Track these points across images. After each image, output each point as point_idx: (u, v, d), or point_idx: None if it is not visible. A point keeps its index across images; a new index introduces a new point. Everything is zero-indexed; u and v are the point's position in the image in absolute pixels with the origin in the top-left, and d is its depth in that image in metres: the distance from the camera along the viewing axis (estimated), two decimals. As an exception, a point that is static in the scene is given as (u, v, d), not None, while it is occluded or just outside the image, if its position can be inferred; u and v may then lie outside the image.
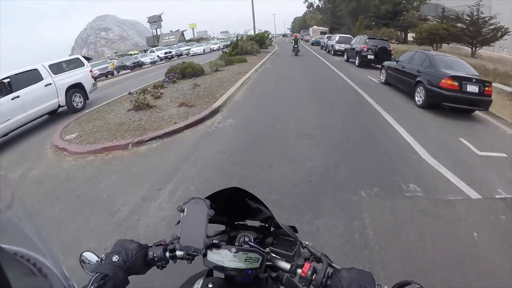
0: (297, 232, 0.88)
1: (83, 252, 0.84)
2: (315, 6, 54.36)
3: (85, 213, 3.09)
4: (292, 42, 19.71)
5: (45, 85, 7.32)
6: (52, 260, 0.41)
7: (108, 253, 0.80)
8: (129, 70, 23.91)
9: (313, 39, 35.16)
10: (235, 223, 0.96)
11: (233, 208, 0.93)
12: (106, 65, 22.64)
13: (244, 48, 18.45)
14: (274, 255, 0.80)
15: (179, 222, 0.81)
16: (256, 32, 31.70)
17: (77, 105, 8.24)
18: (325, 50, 23.57)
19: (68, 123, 6.65)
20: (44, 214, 3.18)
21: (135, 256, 0.80)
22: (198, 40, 56.91)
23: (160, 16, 60.05)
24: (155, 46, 43.66)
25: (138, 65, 25.67)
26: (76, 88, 8.27)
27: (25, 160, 5.02)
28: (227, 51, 18.58)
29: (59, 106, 7.77)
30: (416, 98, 6.78)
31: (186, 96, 7.47)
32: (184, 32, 62.52)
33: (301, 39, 46.99)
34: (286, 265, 0.77)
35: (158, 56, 29.51)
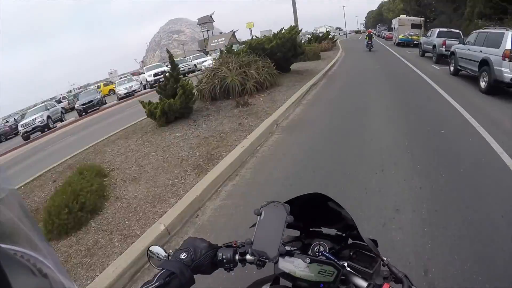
0: (377, 246, 0.79)
1: (151, 246, 0.85)
2: (394, -7, 42.60)
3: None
4: (366, 38, 20.59)
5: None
6: (52, 260, 0.42)
7: (177, 250, 0.79)
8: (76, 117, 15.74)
9: (400, 36, 22.32)
10: (311, 229, 0.92)
11: (310, 214, 0.88)
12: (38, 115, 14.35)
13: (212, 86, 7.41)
14: (351, 270, 0.74)
15: (254, 225, 0.78)
16: (317, 30, 26.01)
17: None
18: (422, 54, 14.49)
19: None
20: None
21: (203, 256, 0.78)
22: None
23: (211, 16, 53.55)
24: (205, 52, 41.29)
25: (97, 104, 16.84)
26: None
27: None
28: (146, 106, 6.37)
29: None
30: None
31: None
32: (235, 32, 55.09)
33: (378, 35, 42.00)
34: (363, 283, 0.70)
35: (144, 81, 20.12)
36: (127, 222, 3.00)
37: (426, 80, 8.27)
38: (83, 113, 16.08)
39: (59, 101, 25.15)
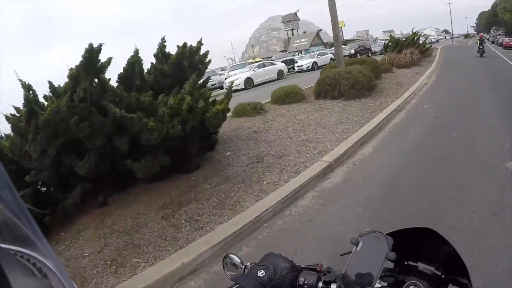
0: None
1: (229, 253, 0.81)
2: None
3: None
4: (477, 43, 19.87)
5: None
6: (52, 260, 0.41)
7: (255, 265, 0.74)
8: None
9: None
10: (406, 263, 0.82)
11: (409, 245, 0.78)
12: None
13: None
14: None
15: (347, 253, 0.72)
16: (422, 32, 21.89)
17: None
18: None
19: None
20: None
21: (283, 277, 0.70)
22: (345, 43, 39.61)
23: (296, 14, 48.89)
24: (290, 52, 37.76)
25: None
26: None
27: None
28: None
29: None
30: None
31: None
32: (320, 32, 51.38)
33: (493, 41, 32.87)
34: None
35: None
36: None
37: None
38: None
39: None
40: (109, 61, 3.61)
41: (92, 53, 3.41)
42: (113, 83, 3.87)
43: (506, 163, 3.66)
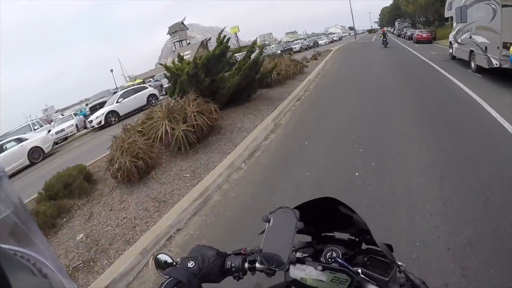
0: (392, 251, 0.75)
1: (158, 253, 0.83)
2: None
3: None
4: (381, 37, 22.22)
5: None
6: (52, 260, 0.42)
7: (184, 258, 0.78)
8: None
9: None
10: (322, 234, 0.88)
11: (321, 218, 0.85)
12: None
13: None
14: (365, 278, 0.70)
15: (262, 232, 0.75)
16: (328, 30, 21.15)
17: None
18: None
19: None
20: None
21: (212, 264, 0.76)
22: (238, 50, 32.38)
23: (182, 23, 41.82)
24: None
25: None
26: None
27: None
28: None
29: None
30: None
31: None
32: (208, 41, 40.67)
33: (399, 35, 31.12)
34: None
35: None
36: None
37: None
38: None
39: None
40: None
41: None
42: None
43: None
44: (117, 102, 14.45)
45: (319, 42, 46.38)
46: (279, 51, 27.76)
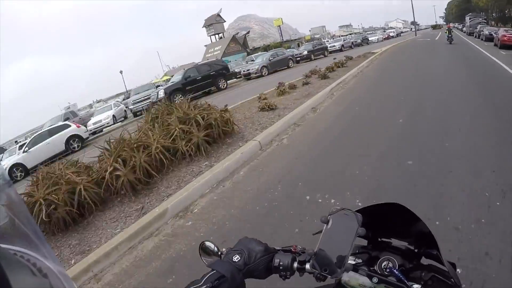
0: (455, 269, 0.68)
1: (205, 241, 0.80)
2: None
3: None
4: (446, 33, 21.48)
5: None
6: (52, 260, 0.42)
7: (230, 250, 0.75)
8: None
9: None
10: (379, 239, 0.83)
11: (381, 222, 0.80)
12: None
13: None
14: None
15: (318, 232, 0.72)
16: (388, 25, 18.79)
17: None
18: None
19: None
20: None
21: (258, 260, 0.72)
22: (286, 45, 34.59)
23: (218, 15, 39.42)
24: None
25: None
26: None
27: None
28: None
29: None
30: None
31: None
32: (247, 35, 42.10)
33: (471, 33, 25.54)
34: None
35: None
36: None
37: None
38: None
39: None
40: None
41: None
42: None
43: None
44: (24, 151, 11.04)
45: (370, 39, 40.43)
46: (305, 52, 23.27)
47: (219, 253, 0.77)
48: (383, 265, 0.72)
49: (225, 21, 41.62)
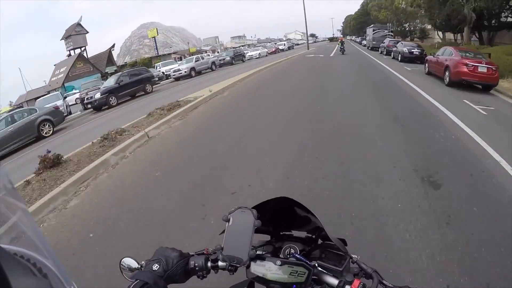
0: (346, 245, 0.82)
1: (123, 258, 0.84)
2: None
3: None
4: (339, 44, 25.20)
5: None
6: (52, 260, 0.42)
7: (149, 261, 0.80)
8: None
9: None
10: (281, 233, 0.94)
11: (279, 218, 0.90)
12: None
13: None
14: (321, 270, 0.76)
15: (223, 231, 0.79)
16: (287, 36, 14.40)
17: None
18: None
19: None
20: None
21: (175, 265, 0.79)
22: (156, 60, 30.81)
23: (79, 24, 30.62)
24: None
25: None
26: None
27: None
28: None
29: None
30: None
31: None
32: (112, 50, 34.89)
33: (372, 47, 26.04)
34: (334, 281, 0.72)
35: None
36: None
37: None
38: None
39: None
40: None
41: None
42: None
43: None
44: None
45: (250, 54, 30.90)
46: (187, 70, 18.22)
47: (139, 266, 0.81)
48: (286, 252, 0.83)
49: (87, 32, 32.33)
